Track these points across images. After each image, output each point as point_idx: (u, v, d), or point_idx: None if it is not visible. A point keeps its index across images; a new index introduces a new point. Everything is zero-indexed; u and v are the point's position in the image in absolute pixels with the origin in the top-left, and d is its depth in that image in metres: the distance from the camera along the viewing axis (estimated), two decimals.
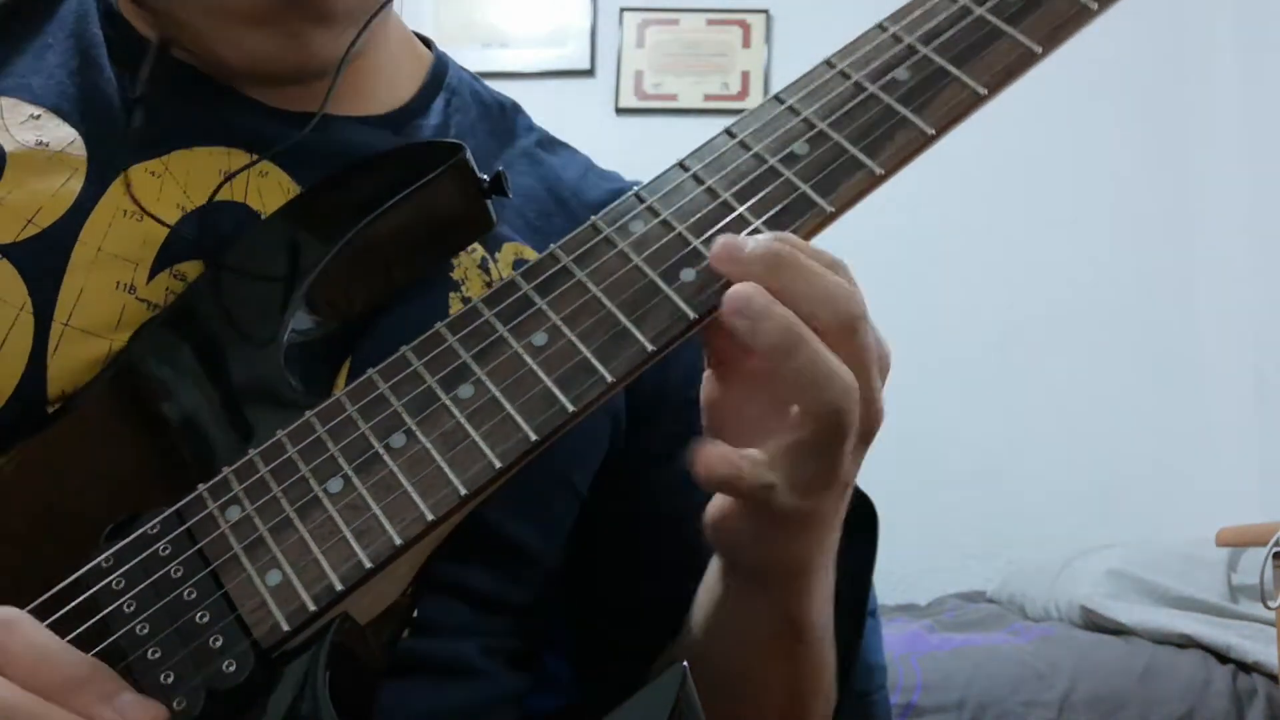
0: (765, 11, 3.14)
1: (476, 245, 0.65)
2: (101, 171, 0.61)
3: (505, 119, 0.75)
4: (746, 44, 3.14)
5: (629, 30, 3.16)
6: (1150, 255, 2.92)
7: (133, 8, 0.66)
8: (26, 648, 0.43)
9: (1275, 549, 1.71)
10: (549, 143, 0.76)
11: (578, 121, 1.41)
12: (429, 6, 3.16)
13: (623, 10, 3.17)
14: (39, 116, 0.62)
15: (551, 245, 0.54)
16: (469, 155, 0.61)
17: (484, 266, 0.65)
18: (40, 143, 0.61)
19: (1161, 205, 2.94)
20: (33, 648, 0.44)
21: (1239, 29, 2.90)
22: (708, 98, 3.13)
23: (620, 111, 3.13)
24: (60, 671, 0.43)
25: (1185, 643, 1.99)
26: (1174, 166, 2.95)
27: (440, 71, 0.74)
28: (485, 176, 0.62)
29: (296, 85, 0.66)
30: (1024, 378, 2.90)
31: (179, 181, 0.62)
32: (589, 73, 3.16)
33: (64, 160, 0.61)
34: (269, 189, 0.63)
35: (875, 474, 1.31)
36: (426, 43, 0.77)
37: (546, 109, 0.89)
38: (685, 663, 0.45)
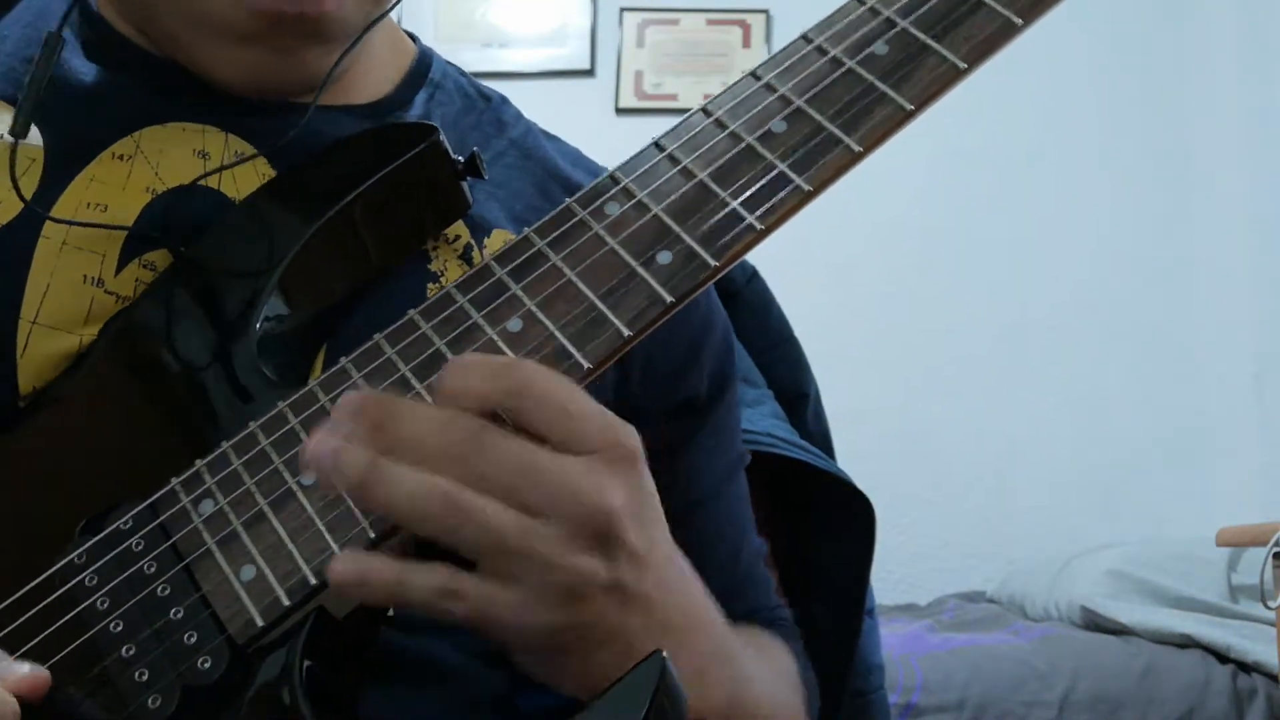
0: (765, 11, 3.13)
1: (460, 233, 0.64)
2: (62, 162, 0.60)
3: (491, 111, 0.74)
4: (746, 44, 3.14)
5: (629, 30, 3.16)
6: (1150, 255, 2.92)
7: (111, 7, 0.65)
8: None
9: (1275, 549, 1.70)
10: (538, 133, 0.75)
11: (578, 121, 1.40)
12: (429, 6, 3.15)
13: (623, 10, 3.16)
14: None
15: (526, 229, 0.53)
16: (442, 137, 0.60)
17: (467, 255, 0.64)
18: None
19: (1161, 205, 2.94)
20: None
21: (1241, 24, 2.89)
22: (707, 98, 3.11)
23: (620, 111, 3.12)
24: None
25: (1185, 643, 1.99)
26: (1174, 166, 2.94)
27: (424, 65, 0.73)
28: (460, 158, 0.61)
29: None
30: (1024, 378, 2.90)
31: (150, 162, 0.61)
32: (589, 73, 3.15)
33: (21, 152, 0.59)
34: (243, 174, 0.62)
35: (876, 474, 1.31)
36: (412, 38, 0.75)
37: (546, 109, 0.88)
38: (665, 652, 0.44)
